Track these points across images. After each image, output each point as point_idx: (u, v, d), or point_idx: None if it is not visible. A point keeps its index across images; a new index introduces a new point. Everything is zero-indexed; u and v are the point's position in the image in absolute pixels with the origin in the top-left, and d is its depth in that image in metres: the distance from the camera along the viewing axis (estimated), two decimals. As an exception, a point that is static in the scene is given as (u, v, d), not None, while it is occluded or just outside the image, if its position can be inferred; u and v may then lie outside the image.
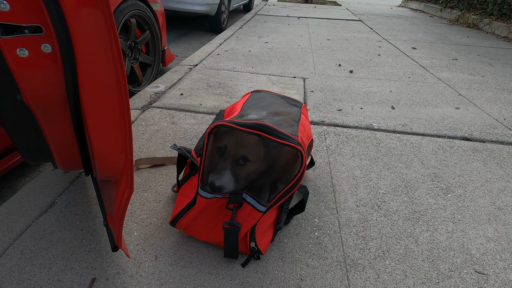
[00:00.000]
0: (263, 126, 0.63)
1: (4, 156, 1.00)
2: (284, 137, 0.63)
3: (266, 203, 0.67)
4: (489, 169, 1.17)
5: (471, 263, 0.77)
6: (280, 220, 0.74)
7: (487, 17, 4.69)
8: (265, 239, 0.72)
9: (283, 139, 0.62)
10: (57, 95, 0.52)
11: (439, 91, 1.96)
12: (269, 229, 0.73)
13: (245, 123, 0.64)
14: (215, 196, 0.69)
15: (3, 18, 0.41)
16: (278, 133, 0.63)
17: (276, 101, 0.90)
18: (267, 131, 0.63)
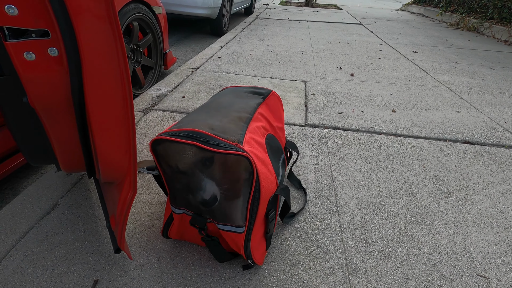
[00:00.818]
0: (198, 134, 0.57)
1: (6, 158, 1.01)
2: (221, 145, 0.56)
3: (242, 223, 0.63)
4: (490, 172, 1.17)
5: (473, 267, 0.77)
6: (269, 230, 0.71)
7: (487, 21, 4.71)
8: (259, 251, 0.70)
9: (220, 147, 0.55)
10: (62, 98, 0.52)
11: (439, 95, 1.97)
12: (261, 241, 0.71)
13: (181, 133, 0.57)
14: (184, 212, 0.68)
15: (11, 22, 0.42)
16: (215, 141, 0.56)
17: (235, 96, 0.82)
18: (203, 141, 0.56)
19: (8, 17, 0.41)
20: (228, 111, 0.71)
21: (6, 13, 0.41)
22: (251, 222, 0.63)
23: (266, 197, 0.64)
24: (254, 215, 0.63)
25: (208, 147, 0.56)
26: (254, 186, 0.59)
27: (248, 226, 0.64)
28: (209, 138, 0.57)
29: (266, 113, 0.82)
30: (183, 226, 0.71)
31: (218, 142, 0.57)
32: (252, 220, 0.63)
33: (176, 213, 0.69)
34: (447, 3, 6.10)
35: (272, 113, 0.86)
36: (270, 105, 0.87)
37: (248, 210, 0.62)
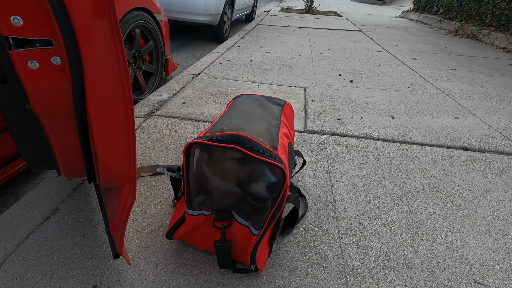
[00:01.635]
0: (240, 138, 0.58)
1: (7, 163, 1.02)
2: (262, 152, 0.57)
3: (259, 226, 0.65)
4: (488, 179, 1.18)
5: (470, 273, 0.77)
6: (275, 236, 0.72)
7: (486, 28, 4.75)
8: (262, 258, 0.71)
9: (262, 154, 0.56)
10: (64, 105, 0.53)
11: (438, 101, 1.98)
12: (265, 247, 0.73)
13: (218, 137, 0.59)
14: (202, 213, 0.68)
15: (16, 32, 0.43)
16: (256, 147, 0.57)
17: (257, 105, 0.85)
18: (244, 145, 0.57)
19: (13, 27, 0.43)
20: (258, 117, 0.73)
21: (12, 24, 0.42)
22: (266, 228, 0.65)
23: (283, 207, 0.66)
24: (271, 222, 0.64)
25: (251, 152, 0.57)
26: (281, 196, 0.60)
27: (263, 231, 0.66)
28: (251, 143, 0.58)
29: (286, 122, 0.85)
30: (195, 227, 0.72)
31: (258, 147, 0.57)
32: (269, 226, 0.65)
33: (193, 215, 0.69)
34: (446, 11, 6.17)
35: (288, 122, 0.89)
36: (287, 114, 0.90)
37: (269, 217, 0.64)
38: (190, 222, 0.71)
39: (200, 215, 0.69)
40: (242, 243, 0.69)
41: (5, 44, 0.44)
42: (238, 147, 0.57)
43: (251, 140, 0.58)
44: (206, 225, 0.71)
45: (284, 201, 0.63)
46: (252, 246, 0.67)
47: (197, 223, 0.71)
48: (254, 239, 0.67)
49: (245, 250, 0.69)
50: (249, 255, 0.68)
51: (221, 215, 0.66)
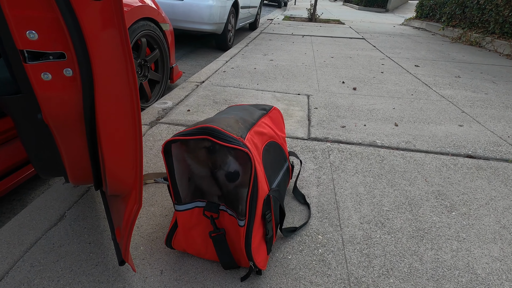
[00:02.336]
0: (209, 129, 0.63)
1: (15, 171, 1.04)
2: (229, 139, 0.62)
3: (242, 216, 0.67)
4: (493, 187, 1.17)
5: (476, 283, 0.77)
6: (268, 231, 0.73)
7: (489, 36, 4.76)
8: (260, 255, 0.72)
9: (229, 142, 0.61)
10: (75, 115, 0.55)
11: (442, 108, 1.98)
12: (261, 244, 0.73)
13: (190, 131, 0.63)
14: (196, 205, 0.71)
15: (31, 46, 0.45)
16: (224, 136, 0.62)
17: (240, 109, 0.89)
18: (213, 134, 0.62)
19: (29, 41, 0.45)
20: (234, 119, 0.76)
21: (27, 38, 0.44)
22: (251, 217, 0.66)
23: (262, 196, 0.68)
24: (253, 211, 0.66)
25: (218, 140, 0.62)
26: (252, 182, 0.63)
27: (248, 222, 0.66)
28: (218, 132, 0.63)
29: (269, 123, 0.88)
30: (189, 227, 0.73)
31: (225, 135, 0.62)
32: (252, 215, 0.66)
33: (187, 209, 0.71)
34: (449, 18, 6.19)
35: (274, 124, 0.92)
36: (273, 117, 0.93)
37: (248, 204, 0.65)
38: (184, 220, 0.73)
39: (195, 208, 0.71)
40: (234, 235, 0.71)
41: (19, 57, 0.46)
42: (208, 137, 0.62)
43: (219, 130, 0.63)
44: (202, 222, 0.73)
45: (257, 189, 0.64)
46: (243, 239, 0.68)
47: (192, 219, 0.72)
48: (242, 230, 0.68)
49: (239, 244, 0.70)
50: (244, 249, 0.68)
51: (210, 206, 0.69)
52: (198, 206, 0.72)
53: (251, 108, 0.91)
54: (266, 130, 0.82)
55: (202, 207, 0.71)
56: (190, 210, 0.72)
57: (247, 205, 0.65)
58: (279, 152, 0.88)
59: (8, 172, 1.01)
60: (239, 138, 0.64)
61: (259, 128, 0.78)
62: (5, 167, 0.99)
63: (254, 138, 0.73)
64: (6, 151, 1.00)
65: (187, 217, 0.73)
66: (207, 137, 0.63)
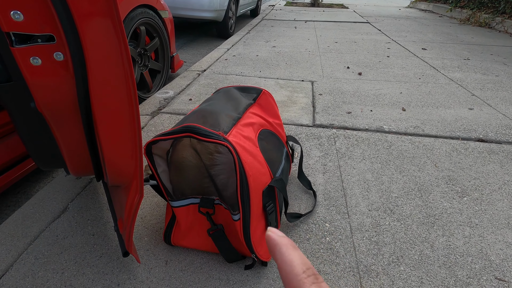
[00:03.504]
0: (190, 127, 0.62)
1: (18, 164, 1.03)
2: (210, 135, 0.62)
3: (235, 210, 0.65)
4: (506, 171, 1.13)
5: (490, 270, 0.74)
6: (270, 223, 0.71)
7: (499, 16, 4.59)
8: (264, 247, 0.70)
9: (209, 137, 0.61)
10: (69, 102, 0.53)
11: (451, 92, 1.92)
12: (263, 235, 0.71)
13: (174, 130, 0.64)
14: (191, 202, 0.69)
15: (17, 28, 0.42)
16: (205, 132, 0.62)
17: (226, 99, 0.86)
18: (195, 131, 0.62)
19: (14, 22, 0.42)
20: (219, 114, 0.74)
21: (12, 19, 0.41)
22: (245, 212, 0.63)
23: (257, 188, 0.65)
24: (247, 205, 0.63)
25: (199, 136, 0.61)
26: (239, 175, 0.61)
27: (243, 216, 0.64)
28: (200, 129, 0.62)
29: (259, 112, 0.85)
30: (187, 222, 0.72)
31: (206, 132, 0.62)
32: (246, 210, 0.63)
33: (183, 205, 0.70)
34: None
35: (265, 111, 0.89)
36: (263, 104, 0.90)
37: (239, 199, 0.63)
38: (181, 216, 0.71)
39: (190, 204, 0.70)
40: (233, 229, 0.69)
41: (6, 40, 0.43)
42: (190, 134, 0.62)
43: (200, 127, 0.62)
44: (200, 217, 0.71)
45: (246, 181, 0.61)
46: (241, 233, 0.66)
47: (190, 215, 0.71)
48: (238, 224, 0.66)
49: (240, 236, 0.68)
50: (244, 243, 0.67)
51: (205, 202, 0.67)
52: (193, 203, 0.70)
53: (238, 95, 0.89)
54: (255, 119, 0.79)
55: (197, 203, 0.69)
56: (186, 206, 0.70)
57: (238, 199, 0.63)
58: (275, 139, 0.86)
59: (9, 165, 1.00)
60: (220, 133, 0.63)
61: (247, 120, 0.76)
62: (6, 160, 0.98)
63: (242, 131, 0.70)
64: (7, 144, 0.98)
65: (184, 214, 0.71)
66: (189, 134, 0.62)
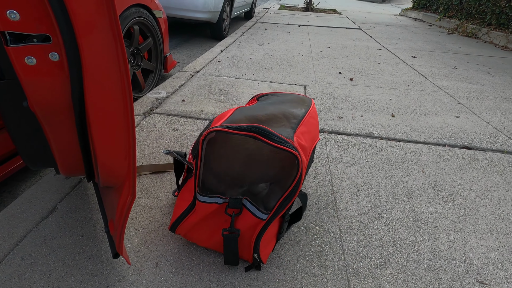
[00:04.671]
0: (259, 128, 0.61)
1: (4, 162, 1.01)
2: (279, 140, 0.60)
3: (266, 211, 0.67)
4: (489, 178, 1.17)
5: (472, 273, 0.77)
6: (282, 230, 0.73)
7: (486, 27, 4.75)
8: (267, 250, 0.72)
9: (278, 142, 0.60)
10: (63, 103, 0.52)
11: (438, 100, 1.97)
12: (272, 240, 0.73)
13: (239, 126, 0.62)
14: (215, 201, 0.69)
15: (13, 27, 0.42)
16: (273, 136, 0.61)
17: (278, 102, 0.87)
18: (263, 134, 0.61)
19: (9, 22, 0.41)
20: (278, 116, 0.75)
21: (8, 18, 0.41)
22: (275, 214, 0.66)
23: (295, 197, 0.66)
24: (280, 210, 0.65)
25: (267, 139, 0.61)
26: (295, 183, 0.62)
27: (270, 217, 0.66)
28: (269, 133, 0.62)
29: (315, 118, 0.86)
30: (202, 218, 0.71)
31: (275, 136, 0.61)
32: (277, 214, 0.65)
33: (207, 202, 0.69)
34: (446, 9, 6.16)
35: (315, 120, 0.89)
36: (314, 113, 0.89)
37: (279, 202, 0.65)
38: (201, 211, 0.71)
39: (213, 203, 0.69)
40: (248, 231, 0.69)
41: (1, 40, 0.43)
42: (256, 135, 0.61)
43: (269, 130, 0.62)
44: (217, 216, 0.71)
45: (296, 191, 0.63)
46: (257, 233, 0.67)
47: (208, 212, 0.70)
48: (261, 224, 0.67)
49: (250, 237, 0.68)
50: (252, 244, 0.68)
51: (234, 202, 0.67)
52: (217, 203, 0.69)
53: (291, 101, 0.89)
54: (311, 127, 0.80)
55: (221, 203, 0.69)
56: (209, 204, 0.70)
57: (277, 204, 0.64)
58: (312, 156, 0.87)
59: (-4, 163, 0.98)
60: (289, 140, 0.62)
61: (305, 127, 0.76)
62: (-7, 158, 0.96)
63: (300, 139, 0.71)
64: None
65: (205, 209, 0.71)
66: (255, 135, 0.61)
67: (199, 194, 0.70)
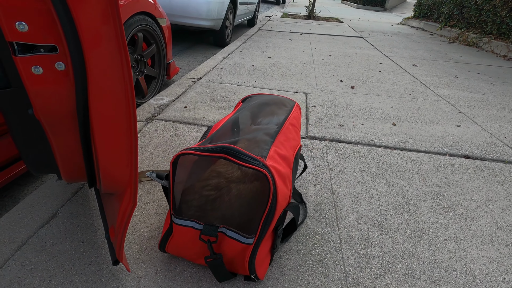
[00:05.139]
0: (228, 148, 0.60)
1: (7, 167, 1.01)
2: (248, 159, 0.59)
3: (250, 235, 0.64)
4: (490, 188, 1.17)
5: (473, 284, 0.76)
6: (276, 245, 0.71)
7: (486, 36, 4.78)
8: (263, 268, 0.70)
9: (248, 162, 0.58)
10: (67, 111, 0.53)
11: (439, 108, 1.98)
12: (267, 257, 0.71)
13: (209, 148, 0.61)
14: (192, 225, 0.67)
15: (21, 38, 0.43)
16: (243, 155, 0.59)
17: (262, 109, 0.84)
18: (232, 154, 0.59)
19: (18, 33, 0.42)
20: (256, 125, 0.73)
21: (17, 29, 0.42)
22: (261, 236, 0.64)
23: (279, 213, 0.64)
24: (265, 230, 0.63)
25: (236, 160, 0.59)
26: (270, 202, 0.60)
27: (257, 240, 0.64)
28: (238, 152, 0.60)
29: (297, 124, 0.84)
30: (184, 240, 0.70)
31: (244, 155, 0.60)
32: (262, 234, 0.63)
33: (183, 225, 0.68)
34: (447, 18, 6.21)
35: (297, 124, 0.88)
36: (296, 117, 0.89)
37: (261, 224, 0.62)
38: (179, 234, 0.69)
39: (190, 227, 0.68)
40: (239, 256, 0.67)
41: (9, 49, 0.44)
42: (226, 155, 0.60)
43: (238, 149, 0.60)
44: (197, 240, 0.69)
45: (275, 209, 0.61)
46: (248, 257, 0.65)
47: (189, 237, 0.69)
48: (249, 249, 0.65)
49: (242, 262, 0.67)
50: (247, 266, 0.66)
51: (208, 229, 0.64)
52: (194, 228, 0.67)
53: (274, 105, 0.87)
54: (292, 134, 0.78)
55: (199, 229, 0.67)
56: (186, 228, 0.68)
57: (259, 225, 0.62)
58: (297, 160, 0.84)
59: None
60: (260, 158, 0.60)
61: (286, 134, 0.75)
62: (-4, 163, 0.97)
63: (280, 150, 0.69)
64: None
65: (183, 233, 0.69)
66: (224, 156, 0.59)
67: (175, 217, 0.68)
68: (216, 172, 0.66)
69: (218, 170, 0.66)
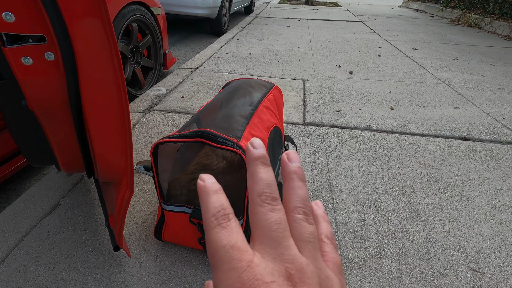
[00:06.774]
0: (203, 132, 0.62)
1: (9, 160, 1.03)
2: (223, 141, 0.61)
3: (240, 215, 0.66)
4: (486, 168, 1.18)
5: (466, 261, 0.78)
6: None
7: (488, 16, 4.68)
8: None
9: (223, 143, 0.60)
10: (60, 100, 0.54)
11: (438, 91, 1.97)
12: None
13: (186, 134, 0.63)
14: (182, 210, 0.69)
15: (8, 28, 0.43)
16: (218, 138, 0.61)
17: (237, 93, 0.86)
18: (207, 137, 0.61)
19: (5, 23, 0.43)
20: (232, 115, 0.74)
21: (4, 20, 0.43)
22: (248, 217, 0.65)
23: None
24: None
25: (211, 142, 0.61)
26: None
27: (246, 222, 0.67)
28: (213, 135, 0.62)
29: (271, 106, 0.85)
30: (177, 225, 0.72)
31: (219, 138, 0.61)
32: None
33: (174, 211, 0.70)
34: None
35: (275, 105, 0.89)
36: (274, 99, 0.90)
37: (245, 204, 0.65)
38: (171, 220, 0.71)
39: (181, 212, 0.69)
40: None
41: (-2, 41, 0.45)
42: (202, 139, 0.62)
43: (213, 132, 0.62)
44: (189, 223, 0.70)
45: None
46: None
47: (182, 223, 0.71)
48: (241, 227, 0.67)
49: None
50: None
51: (198, 212, 0.67)
52: (184, 212, 0.69)
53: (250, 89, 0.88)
54: (267, 115, 0.79)
55: (189, 213, 0.69)
56: (178, 213, 0.70)
57: (244, 205, 0.65)
58: (279, 138, 0.86)
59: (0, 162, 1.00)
60: (234, 139, 0.62)
61: (260, 116, 0.76)
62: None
63: (254, 131, 0.70)
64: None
65: (176, 219, 0.71)
66: (201, 140, 0.61)
67: (164, 203, 0.70)
68: (201, 165, 0.67)
69: (203, 162, 0.67)
